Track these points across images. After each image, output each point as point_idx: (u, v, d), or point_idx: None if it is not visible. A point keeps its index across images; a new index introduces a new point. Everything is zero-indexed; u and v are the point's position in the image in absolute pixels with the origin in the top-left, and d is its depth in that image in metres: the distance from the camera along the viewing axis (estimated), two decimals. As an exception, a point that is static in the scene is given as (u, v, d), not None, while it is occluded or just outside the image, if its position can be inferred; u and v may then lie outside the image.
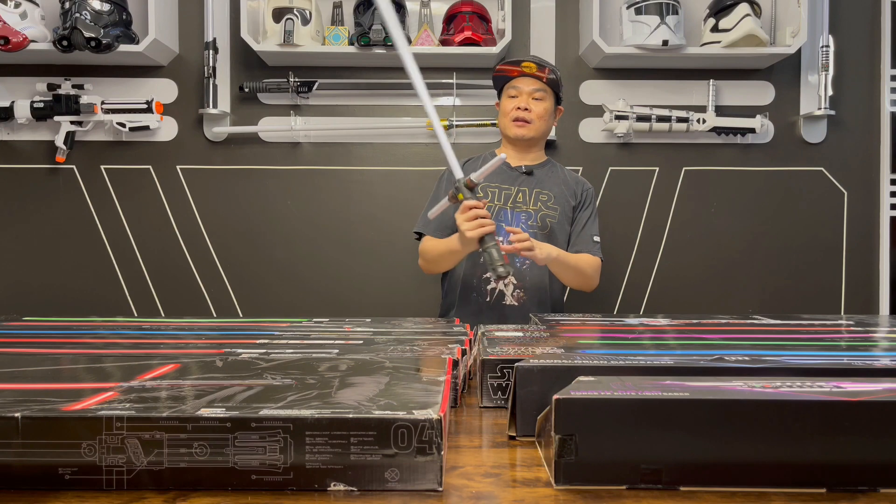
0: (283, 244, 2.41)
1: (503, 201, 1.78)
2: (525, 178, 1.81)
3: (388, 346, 0.89)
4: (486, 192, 1.77)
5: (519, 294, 1.76)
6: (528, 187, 1.80)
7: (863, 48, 2.39)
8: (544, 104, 1.78)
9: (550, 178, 1.82)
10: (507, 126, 1.80)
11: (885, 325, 1.23)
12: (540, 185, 1.80)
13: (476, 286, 1.77)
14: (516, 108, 1.77)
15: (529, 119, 1.77)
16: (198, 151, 2.38)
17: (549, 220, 1.79)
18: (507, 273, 1.31)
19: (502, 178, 1.80)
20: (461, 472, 0.55)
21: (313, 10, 2.22)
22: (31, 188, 2.38)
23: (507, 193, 1.79)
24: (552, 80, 1.77)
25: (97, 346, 0.90)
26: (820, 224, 2.41)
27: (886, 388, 0.54)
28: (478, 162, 1.85)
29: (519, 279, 1.76)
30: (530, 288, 1.77)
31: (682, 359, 0.72)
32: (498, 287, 1.74)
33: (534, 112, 1.77)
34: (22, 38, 2.04)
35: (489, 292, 1.76)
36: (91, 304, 2.36)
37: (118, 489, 0.49)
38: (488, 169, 1.39)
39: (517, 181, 1.80)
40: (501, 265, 1.31)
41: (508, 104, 1.80)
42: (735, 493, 0.50)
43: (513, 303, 1.76)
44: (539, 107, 1.78)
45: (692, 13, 2.32)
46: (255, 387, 0.59)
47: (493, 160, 1.39)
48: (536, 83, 1.77)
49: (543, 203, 1.80)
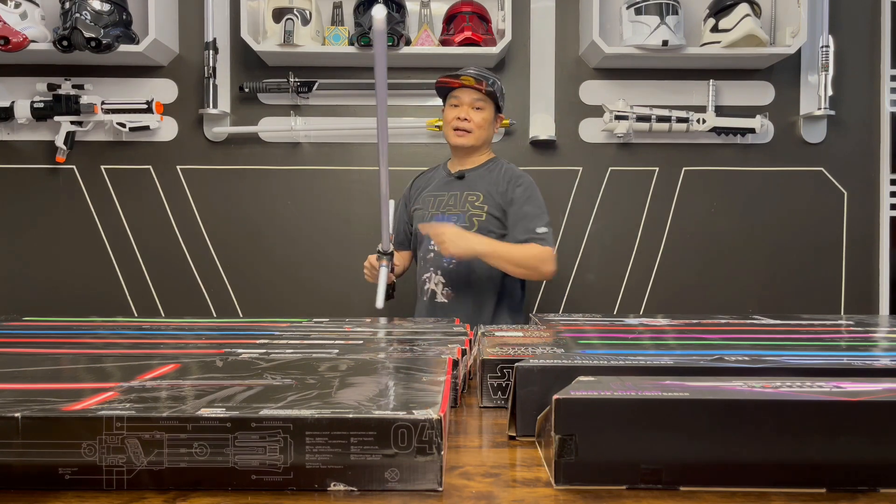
0: (283, 244, 2.41)
1: (435, 207, 1.89)
2: (457, 182, 1.90)
3: (388, 346, 0.89)
4: (426, 202, 1.91)
5: (447, 292, 1.86)
6: (459, 191, 1.88)
7: (863, 48, 2.40)
8: (483, 114, 1.85)
9: (483, 179, 1.87)
10: (448, 135, 1.89)
11: (885, 325, 1.23)
12: (470, 188, 1.87)
13: (420, 286, 1.92)
14: (456, 118, 1.85)
15: (469, 128, 1.85)
16: (198, 151, 2.38)
17: (475, 219, 1.85)
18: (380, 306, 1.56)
19: (438, 185, 1.94)
20: (461, 472, 0.55)
21: (313, 10, 2.22)
22: (31, 188, 2.38)
23: (441, 199, 1.90)
24: (490, 92, 1.83)
25: (97, 346, 0.90)
26: (820, 224, 2.41)
27: (886, 388, 0.54)
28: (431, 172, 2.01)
29: (446, 278, 1.86)
30: (455, 285, 1.85)
31: (682, 359, 0.72)
32: (430, 286, 1.87)
33: (473, 121, 1.84)
34: (22, 38, 2.04)
35: (426, 292, 1.89)
36: (91, 304, 2.36)
37: (118, 489, 0.49)
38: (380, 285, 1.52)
39: (450, 186, 1.90)
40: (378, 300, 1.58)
41: (450, 113, 1.87)
42: (735, 493, 0.50)
43: (443, 300, 1.86)
44: (478, 116, 1.85)
45: (692, 13, 2.32)
46: (255, 387, 0.59)
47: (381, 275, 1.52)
48: (476, 94, 1.84)
49: (471, 203, 1.87)
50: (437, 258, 1.86)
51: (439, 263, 1.87)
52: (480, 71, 1.87)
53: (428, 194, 1.93)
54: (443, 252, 1.73)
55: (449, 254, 1.71)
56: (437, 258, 1.86)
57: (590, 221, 2.41)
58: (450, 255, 1.73)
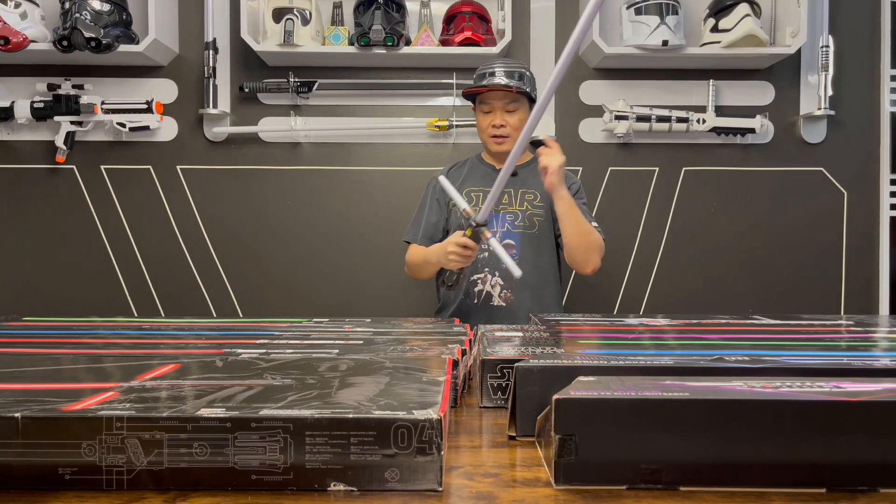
0: (283, 244, 2.41)
1: None
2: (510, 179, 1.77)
3: (388, 346, 0.89)
4: (471, 197, 1.80)
5: (506, 294, 1.77)
6: (514, 188, 1.81)
7: (863, 48, 2.39)
8: (518, 114, 1.78)
9: (535, 176, 1.78)
10: (486, 142, 1.83)
11: (885, 325, 1.23)
12: (525, 185, 1.81)
13: (466, 289, 1.79)
14: (492, 126, 1.78)
15: (507, 133, 1.77)
16: (198, 151, 2.38)
17: (536, 218, 1.80)
18: (453, 287, 1.59)
19: (486, 181, 1.80)
20: (461, 472, 0.55)
21: (313, 10, 2.22)
22: (31, 188, 2.38)
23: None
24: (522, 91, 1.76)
25: (97, 346, 0.90)
26: (820, 224, 2.41)
27: (886, 388, 0.54)
28: (463, 168, 1.90)
29: (505, 279, 1.76)
30: (517, 288, 1.76)
31: (682, 359, 0.72)
32: (485, 289, 1.77)
33: (509, 125, 1.77)
34: (22, 38, 2.04)
35: (476, 294, 1.78)
36: (91, 304, 2.36)
37: (118, 489, 0.49)
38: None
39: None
40: (452, 284, 1.60)
41: (484, 120, 1.80)
42: (735, 493, 0.50)
43: (500, 304, 1.77)
44: (514, 118, 1.77)
45: (692, 13, 2.32)
46: (255, 387, 0.59)
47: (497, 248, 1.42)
48: (508, 95, 1.76)
49: (529, 202, 1.81)
50: (494, 257, 1.73)
51: (495, 264, 1.76)
52: (508, 66, 1.78)
53: (472, 189, 1.81)
54: (544, 170, 1.61)
55: (549, 176, 1.61)
56: (494, 257, 1.73)
57: (590, 221, 2.41)
58: (548, 183, 1.63)
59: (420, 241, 1.82)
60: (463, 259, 1.53)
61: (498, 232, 1.78)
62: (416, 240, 1.84)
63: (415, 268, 1.83)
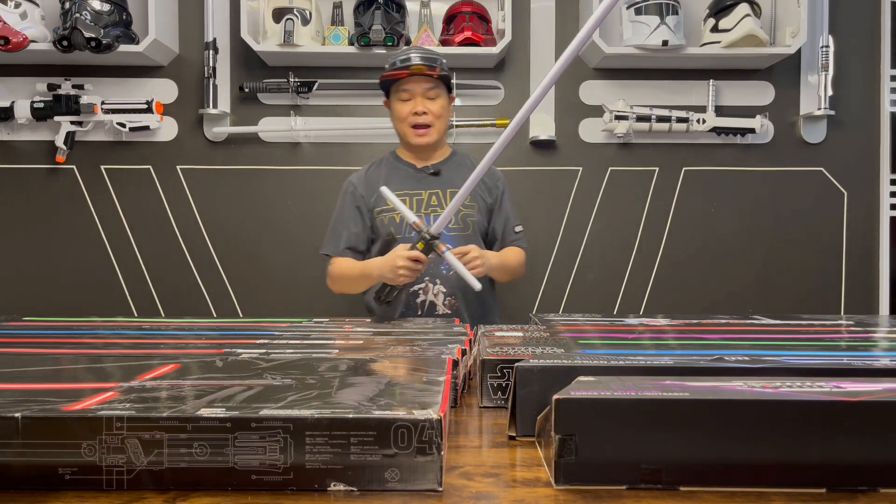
0: (284, 244, 2.41)
1: (416, 207, 1.70)
2: (433, 179, 1.73)
3: (388, 346, 0.89)
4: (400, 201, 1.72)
5: (451, 301, 1.69)
6: (441, 188, 1.72)
7: (863, 48, 2.40)
8: (439, 101, 1.70)
9: (460, 174, 1.70)
10: (406, 133, 1.72)
11: (885, 325, 1.23)
12: (452, 185, 1.70)
13: (406, 302, 1.69)
14: (413, 114, 1.69)
15: (429, 122, 1.70)
16: (198, 151, 2.38)
17: (469, 219, 1.72)
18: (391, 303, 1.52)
19: (410, 182, 1.73)
20: (461, 472, 0.55)
21: (313, 10, 2.22)
22: (31, 188, 2.38)
23: (419, 199, 1.72)
24: (444, 76, 1.70)
25: (97, 346, 0.90)
26: (820, 224, 2.41)
27: (886, 388, 0.54)
28: (381, 168, 1.79)
29: (448, 286, 1.69)
30: (462, 291, 1.70)
31: (682, 359, 0.72)
32: (428, 298, 1.68)
33: (431, 113, 1.69)
34: (22, 38, 2.04)
35: (419, 305, 1.69)
36: (91, 304, 2.36)
37: (118, 489, 0.49)
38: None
39: (425, 184, 1.73)
40: (391, 299, 1.52)
41: (402, 108, 1.70)
42: (735, 493, 0.50)
43: (446, 311, 1.69)
44: (435, 105, 1.70)
45: (692, 13, 2.32)
46: (255, 387, 0.59)
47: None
48: (429, 81, 1.68)
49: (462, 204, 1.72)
50: (434, 265, 1.66)
51: (437, 271, 1.68)
52: (424, 53, 1.71)
53: (399, 194, 1.63)
54: (484, 273, 1.54)
55: (483, 273, 1.53)
56: (434, 265, 1.66)
57: (590, 221, 2.41)
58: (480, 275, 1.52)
59: (342, 254, 1.72)
60: (413, 274, 1.47)
61: None
62: (338, 252, 1.73)
63: (345, 282, 1.73)
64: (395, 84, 1.70)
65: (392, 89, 1.72)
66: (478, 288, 1.39)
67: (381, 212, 1.73)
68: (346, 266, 1.71)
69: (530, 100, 1.15)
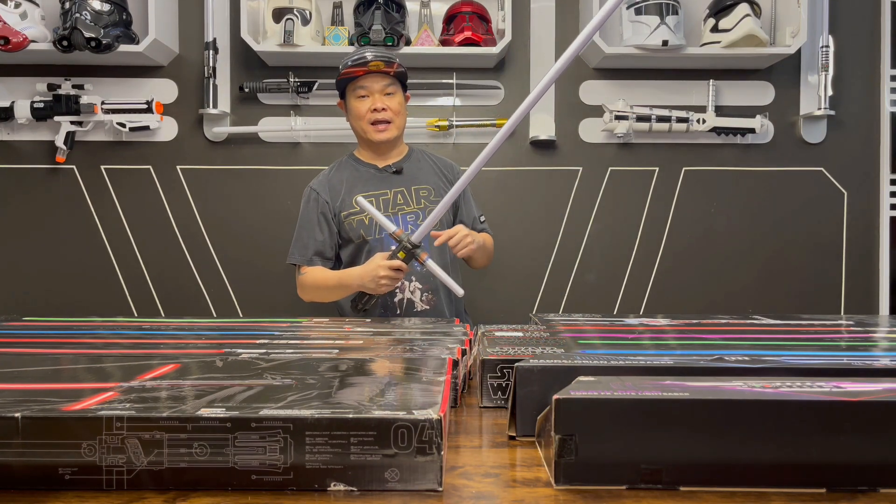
0: (283, 244, 2.40)
1: (384, 207, 1.70)
2: (396, 177, 1.74)
3: (388, 346, 0.89)
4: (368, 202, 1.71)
5: (428, 297, 1.70)
6: (404, 186, 1.73)
7: (863, 48, 2.40)
8: (397, 98, 1.71)
9: (421, 170, 1.75)
10: (366, 130, 1.71)
11: (885, 325, 1.23)
12: (415, 182, 1.73)
13: (383, 302, 1.67)
14: (372, 111, 1.69)
15: (389, 118, 1.69)
16: (198, 151, 2.38)
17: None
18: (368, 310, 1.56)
19: (374, 183, 1.73)
20: (461, 472, 0.55)
21: (313, 10, 2.22)
22: (31, 188, 2.38)
23: (385, 199, 1.72)
24: (400, 73, 1.71)
25: (97, 346, 0.90)
26: (820, 224, 2.41)
27: (886, 388, 0.54)
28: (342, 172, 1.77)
29: (424, 282, 1.69)
30: (436, 287, 1.70)
31: (682, 359, 0.72)
32: (405, 297, 1.68)
33: (390, 109, 1.69)
34: (22, 38, 2.04)
35: (397, 305, 1.68)
36: (91, 304, 2.36)
37: (118, 489, 0.49)
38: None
39: (390, 183, 1.73)
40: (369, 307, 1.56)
41: (360, 105, 1.69)
42: (735, 493, 0.50)
43: (424, 307, 1.70)
44: (393, 102, 1.70)
45: (692, 13, 2.32)
46: (255, 387, 0.59)
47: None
48: (385, 78, 1.69)
49: (425, 199, 1.72)
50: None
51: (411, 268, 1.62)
52: (380, 51, 1.72)
53: (365, 196, 1.65)
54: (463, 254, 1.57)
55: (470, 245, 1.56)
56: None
57: (590, 221, 2.41)
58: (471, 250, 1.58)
59: (310, 262, 1.70)
60: (394, 283, 1.49)
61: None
62: (307, 261, 1.71)
63: (319, 292, 1.71)
64: (352, 82, 1.70)
65: (349, 88, 1.71)
66: (461, 294, 1.42)
67: (348, 215, 1.71)
68: (319, 276, 1.69)
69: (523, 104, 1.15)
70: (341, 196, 1.72)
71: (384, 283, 1.48)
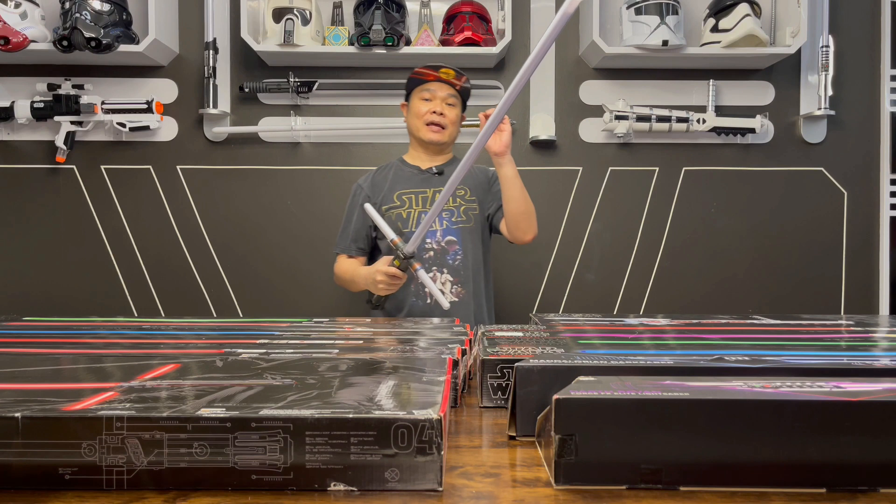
0: (284, 244, 2.41)
1: (422, 205, 1.81)
2: (437, 178, 1.84)
3: (388, 346, 0.89)
4: (403, 200, 1.83)
5: (458, 290, 1.79)
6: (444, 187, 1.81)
7: (863, 48, 2.40)
8: (455, 110, 1.83)
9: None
10: (419, 129, 1.83)
11: (885, 325, 1.23)
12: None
13: (414, 290, 1.78)
14: (431, 113, 1.80)
15: (444, 124, 1.81)
16: (198, 151, 2.38)
17: (471, 213, 1.83)
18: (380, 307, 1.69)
19: (415, 182, 1.85)
20: (461, 472, 0.55)
21: (313, 10, 2.22)
22: (31, 188, 2.38)
23: (424, 197, 1.83)
24: (465, 89, 1.83)
25: (97, 346, 0.90)
26: (820, 224, 2.41)
27: (886, 388, 0.54)
28: (388, 171, 1.90)
29: (454, 275, 1.79)
30: (465, 281, 1.79)
31: (682, 359, 0.72)
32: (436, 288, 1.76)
33: (447, 117, 1.81)
34: (22, 38, 2.04)
35: (427, 294, 1.76)
36: (91, 304, 2.36)
37: (118, 489, 0.49)
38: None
39: (431, 183, 1.84)
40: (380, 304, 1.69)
41: (422, 106, 1.82)
42: (735, 493, 0.50)
43: (454, 299, 1.78)
44: (452, 112, 1.82)
45: (692, 13, 2.32)
46: (255, 387, 0.58)
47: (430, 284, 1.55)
48: (450, 89, 1.81)
49: (462, 198, 1.83)
50: (441, 255, 1.77)
51: (443, 261, 1.78)
52: (453, 65, 1.83)
53: (403, 192, 1.83)
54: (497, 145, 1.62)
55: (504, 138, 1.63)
56: (441, 255, 1.77)
57: (590, 221, 2.41)
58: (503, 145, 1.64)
59: (348, 250, 1.86)
60: (391, 287, 1.63)
61: (438, 230, 1.80)
62: (344, 249, 1.87)
63: (342, 281, 1.88)
64: (421, 85, 1.82)
65: (416, 89, 1.83)
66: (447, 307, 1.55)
67: (388, 209, 1.82)
68: (343, 267, 1.86)
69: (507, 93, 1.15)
70: (383, 192, 1.85)
71: (381, 287, 1.63)
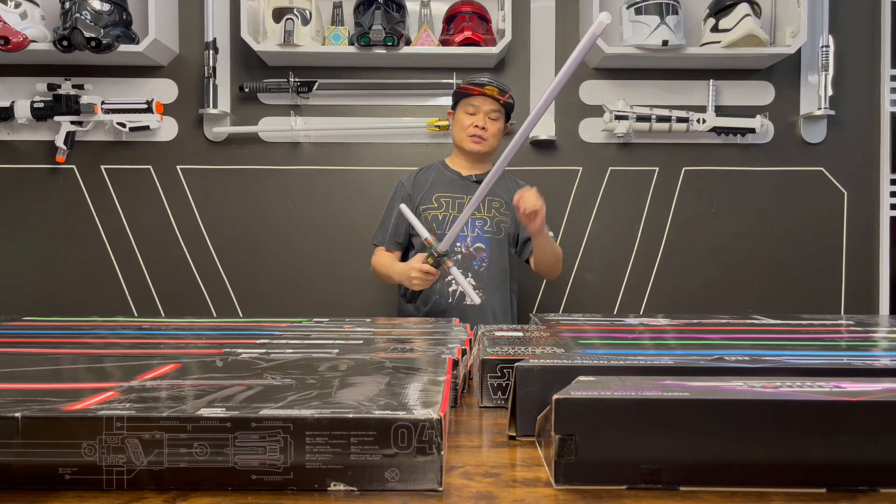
0: (283, 244, 2.41)
1: (457, 209, 1.89)
2: (475, 186, 1.88)
3: (388, 346, 0.89)
4: (441, 203, 1.91)
5: (479, 294, 1.85)
6: None
7: (863, 48, 2.40)
8: (498, 124, 1.92)
9: (499, 185, 1.93)
10: (463, 140, 1.92)
11: (885, 325, 1.23)
12: (491, 194, 1.90)
13: (439, 289, 1.87)
14: (474, 126, 1.89)
15: (486, 137, 1.90)
16: (198, 151, 2.38)
17: (502, 224, 1.92)
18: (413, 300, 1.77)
19: (454, 187, 1.94)
20: (461, 472, 0.55)
21: (313, 10, 2.22)
22: (31, 188, 2.38)
23: (461, 202, 1.90)
24: (508, 104, 1.92)
25: (97, 346, 0.90)
26: (820, 224, 2.41)
27: (886, 388, 0.54)
28: (430, 173, 1.99)
29: (477, 280, 1.88)
30: (488, 287, 1.89)
31: (682, 359, 0.72)
32: (459, 289, 1.85)
33: (489, 131, 1.90)
34: (22, 38, 2.04)
35: (451, 294, 1.88)
36: (91, 304, 2.36)
37: (118, 489, 0.49)
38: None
39: (469, 190, 1.90)
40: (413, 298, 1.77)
41: (466, 119, 1.91)
42: (735, 493, 0.50)
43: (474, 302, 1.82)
44: (494, 126, 1.91)
45: (692, 13, 2.32)
46: (255, 387, 0.58)
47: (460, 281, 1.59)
48: (494, 104, 1.90)
49: (497, 210, 1.93)
50: (468, 259, 1.87)
51: (469, 265, 1.88)
52: (498, 81, 1.92)
53: (442, 195, 1.92)
54: (527, 214, 1.68)
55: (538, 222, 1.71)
56: (468, 259, 1.87)
57: (590, 221, 2.41)
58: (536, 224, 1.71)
59: (385, 243, 1.94)
60: (425, 283, 1.69)
61: (469, 236, 1.89)
62: (382, 242, 1.95)
63: (378, 274, 1.95)
64: (467, 98, 1.91)
65: (462, 102, 1.93)
66: (476, 302, 1.61)
67: (425, 209, 1.91)
68: (381, 261, 1.93)
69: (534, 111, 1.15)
70: (423, 192, 1.94)
71: (416, 282, 1.69)
